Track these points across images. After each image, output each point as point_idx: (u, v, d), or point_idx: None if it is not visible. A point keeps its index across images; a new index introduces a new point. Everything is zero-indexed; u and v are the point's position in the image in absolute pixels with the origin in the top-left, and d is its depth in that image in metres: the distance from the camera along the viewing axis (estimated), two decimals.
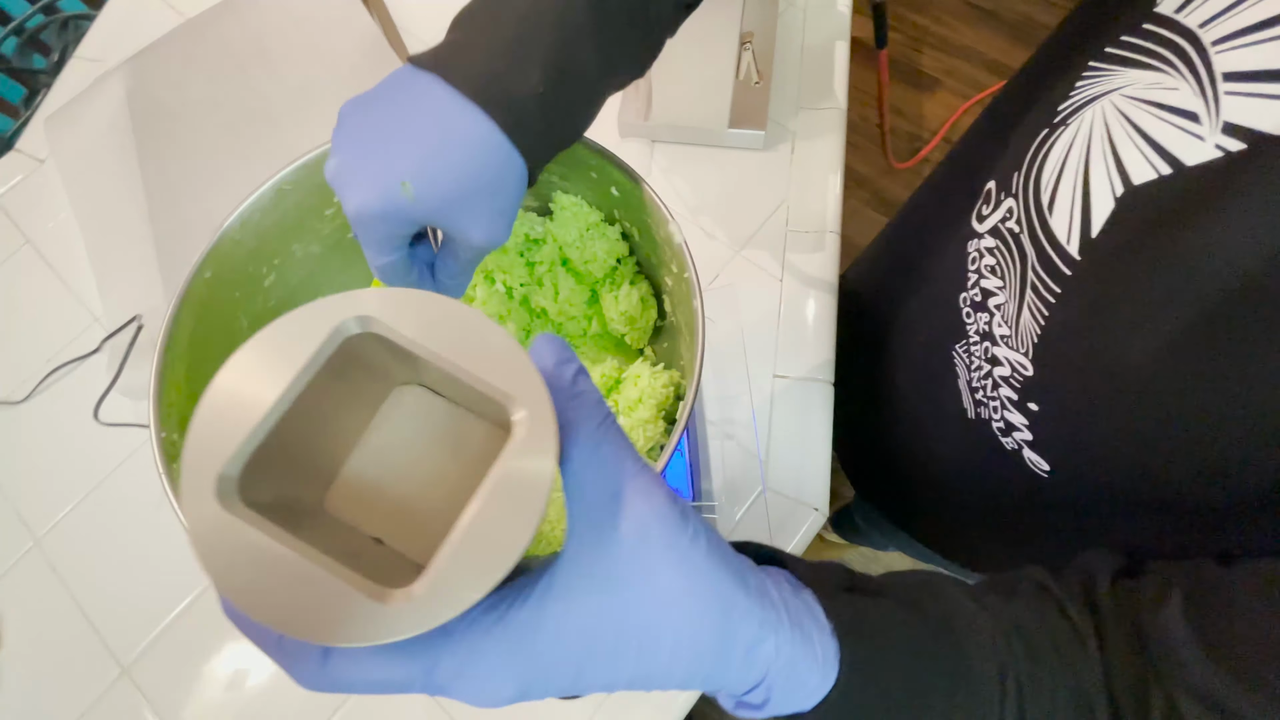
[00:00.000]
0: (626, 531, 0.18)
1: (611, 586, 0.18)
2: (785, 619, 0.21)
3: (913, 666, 0.23)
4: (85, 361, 0.58)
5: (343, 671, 0.16)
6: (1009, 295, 0.32)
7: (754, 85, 0.61)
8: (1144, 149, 0.24)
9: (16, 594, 0.51)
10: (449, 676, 0.17)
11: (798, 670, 0.21)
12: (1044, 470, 0.33)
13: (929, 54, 1.67)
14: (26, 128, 0.69)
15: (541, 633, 0.17)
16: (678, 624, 0.19)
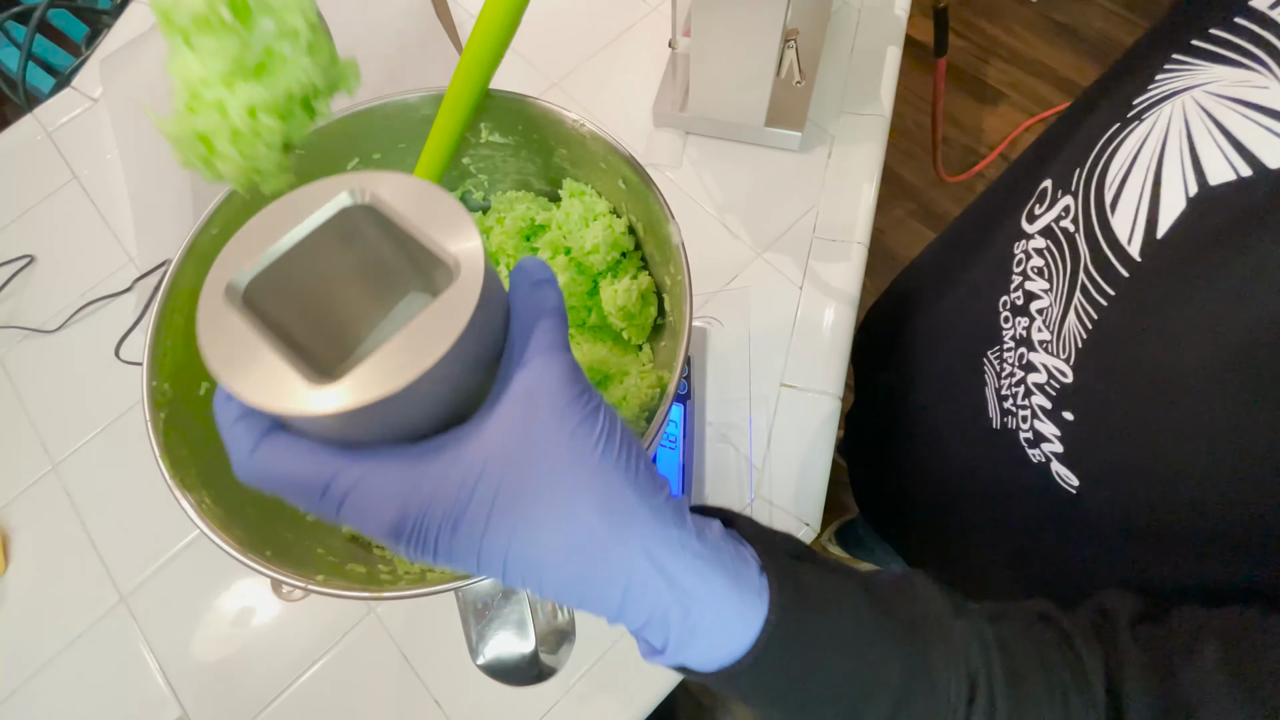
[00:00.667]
0: (516, 392, 0.19)
1: (495, 445, 0.19)
2: (697, 553, 0.20)
3: (857, 652, 0.22)
4: (116, 300, 0.60)
5: (267, 460, 0.19)
6: (1054, 298, 0.31)
7: (795, 84, 0.59)
8: (1225, 148, 0.23)
9: (29, 514, 0.53)
10: (347, 485, 0.18)
11: (707, 619, 0.20)
12: (1072, 485, 0.31)
13: (996, 65, 1.60)
14: (85, 66, 0.72)
15: (430, 467, 0.19)
16: (555, 506, 0.18)
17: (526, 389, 0.19)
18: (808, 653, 0.21)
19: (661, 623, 0.20)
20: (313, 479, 0.18)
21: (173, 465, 0.26)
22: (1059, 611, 0.25)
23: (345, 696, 0.47)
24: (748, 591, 0.20)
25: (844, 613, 0.22)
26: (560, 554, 0.19)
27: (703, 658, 0.21)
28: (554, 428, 0.19)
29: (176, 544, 0.52)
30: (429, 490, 0.18)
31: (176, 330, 0.30)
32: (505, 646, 0.30)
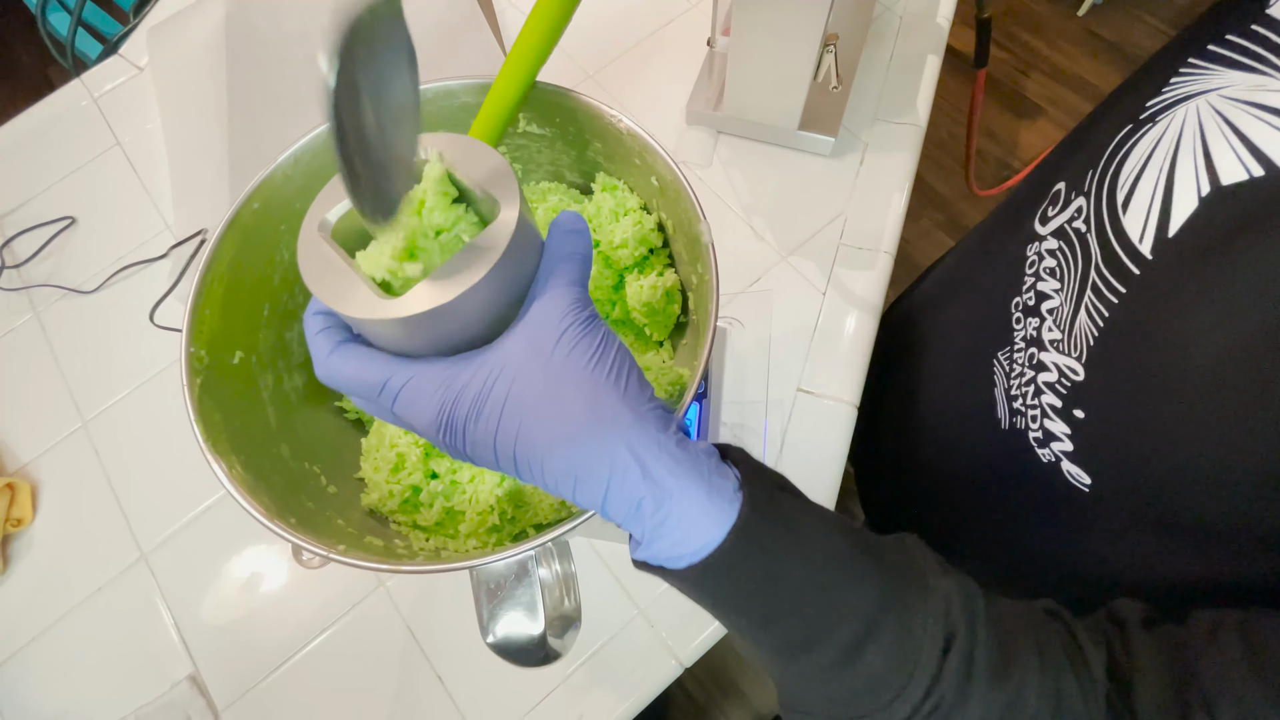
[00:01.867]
0: (533, 314, 0.23)
1: (511, 354, 0.23)
2: (675, 456, 0.22)
3: (825, 573, 0.23)
4: (151, 265, 0.62)
5: (340, 361, 0.24)
6: (1065, 298, 0.31)
7: (832, 89, 0.59)
8: (1238, 148, 0.23)
9: (58, 468, 0.55)
10: (399, 384, 0.23)
11: (676, 514, 0.22)
12: (1084, 484, 0.31)
13: (1036, 79, 1.58)
14: (132, 34, 0.73)
15: (462, 371, 0.23)
16: (555, 402, 0.22)
17: (541, 312, 0.23)
18: (774, 562, 0.23)
19: (638, 513, 0.22)
20: (374, 378, 0.23)
21: (206, 430, 0.27)
22: (1065, 610, 0.26)
23: (351, 666, 0.48)
24: (719, 496, 0.22)
25: (818, 536, 0.23)
26: (556, 444, 0.22)
27: (672, 552, 0.23)
28: (555, 341, 0.23)
29: (198, 506, 0.53)
30: (459, 387, 0.22)
31: (215, 300, 0.30)
32: (515, 627, 0.30)
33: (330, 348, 0.24)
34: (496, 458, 0.23)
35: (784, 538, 0.23)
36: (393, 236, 0.23)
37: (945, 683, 0.22)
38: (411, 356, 0.24)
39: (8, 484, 0.53)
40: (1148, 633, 0.25)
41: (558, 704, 0.46)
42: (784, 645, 0.24)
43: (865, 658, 0.23)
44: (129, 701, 0.48)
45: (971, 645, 0.23)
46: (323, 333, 0.24)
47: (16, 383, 0.58)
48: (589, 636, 0.48)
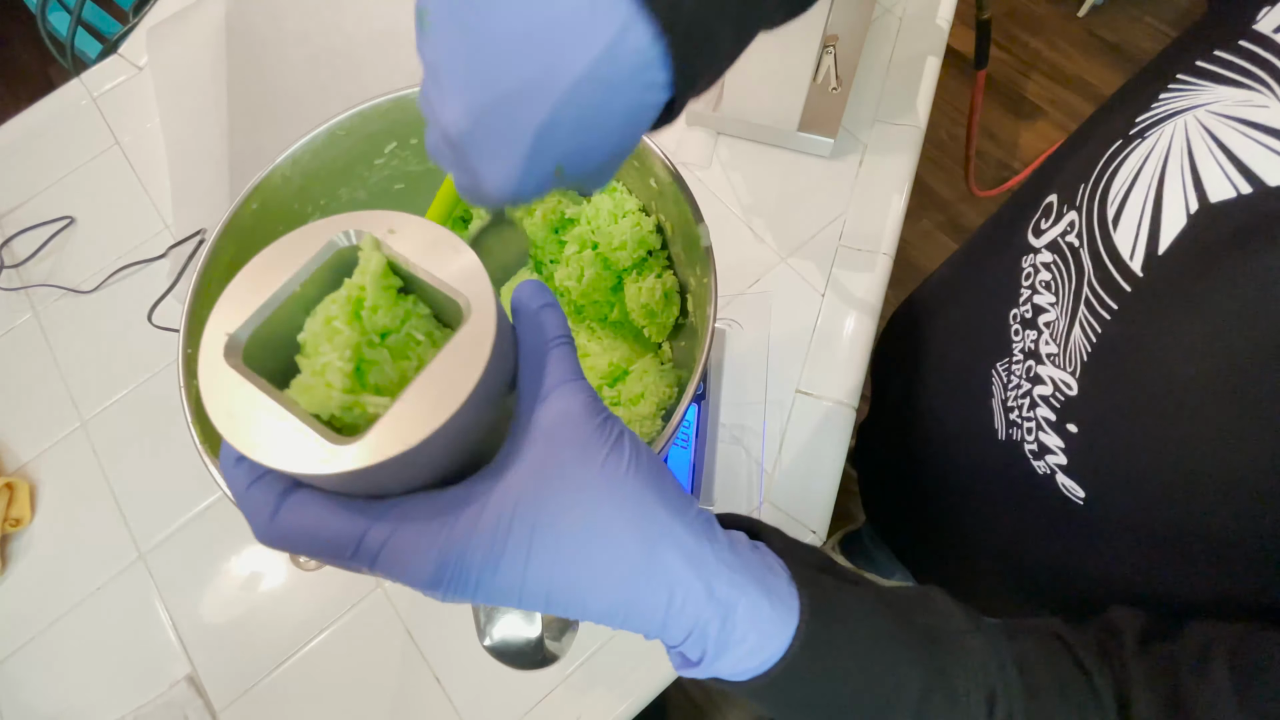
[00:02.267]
0: (538, 428, 0.19)
1: (528, 482, 0.19)
2: (731, 565, 0.20)
3: (881, 661, 0.22)
4: (150, 265, 0.62)
5: (292, 523, 0.18)
6: (1060, 312, 0.31)
7: (831, 90, 0.59)
8: (1225, 166, 0.23)
9: (57, 468, 0.55)
10: (379, 541, 0.18)
11: (742, 629, 0.20)
12: (1078, 497, 0.32)
13: (1036, 80, 1.58)
14: (132, 34, 0.73)
15: (463, 513, 0.18)
16: (592, 533, 0.19)
17: (550, 423, 0.19)
18: (834, 662, 0.21)
19: (701, 635, 0.20)
20: (342, 538, 0.18)
21: (203, 432, 0.27)
22: (1068, 630, 0.26)
23: (349, 667, 0.48)
24: (779, 603, 0.21)
25: (867, 624, 0.23)
26: (603, 579, 0.19)
27: (736, 667, 0.21)
28: (582, 459, 0.19)
29: (196, 507, 0.53)
30: (464, 535, 0.18)
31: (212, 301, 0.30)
32: (512, 630, 0.30)
33: (273, 505, 0.18)
34: (520, 602, 0.19)
35: (840, 636, 0.22)
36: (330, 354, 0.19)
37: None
38: (382, 497, 0.19)
39: (7, 483, 0.53)
40: (1142, 652, 0.25)
41: (556, 705, 0.46)
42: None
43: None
44: (127, 701, 0.48)
45: (1010, 704, 0.23)
46: (257, 485, 0.18)
47: (15, 382, 0.58)
48: (587, 638, 0.48)
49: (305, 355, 0.19)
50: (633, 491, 0.19)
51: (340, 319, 0.19)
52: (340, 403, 0.18)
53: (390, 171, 0.40)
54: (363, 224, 0.20)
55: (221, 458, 0.19)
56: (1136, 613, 0.26)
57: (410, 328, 0.20)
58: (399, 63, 0.67)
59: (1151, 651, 0.25)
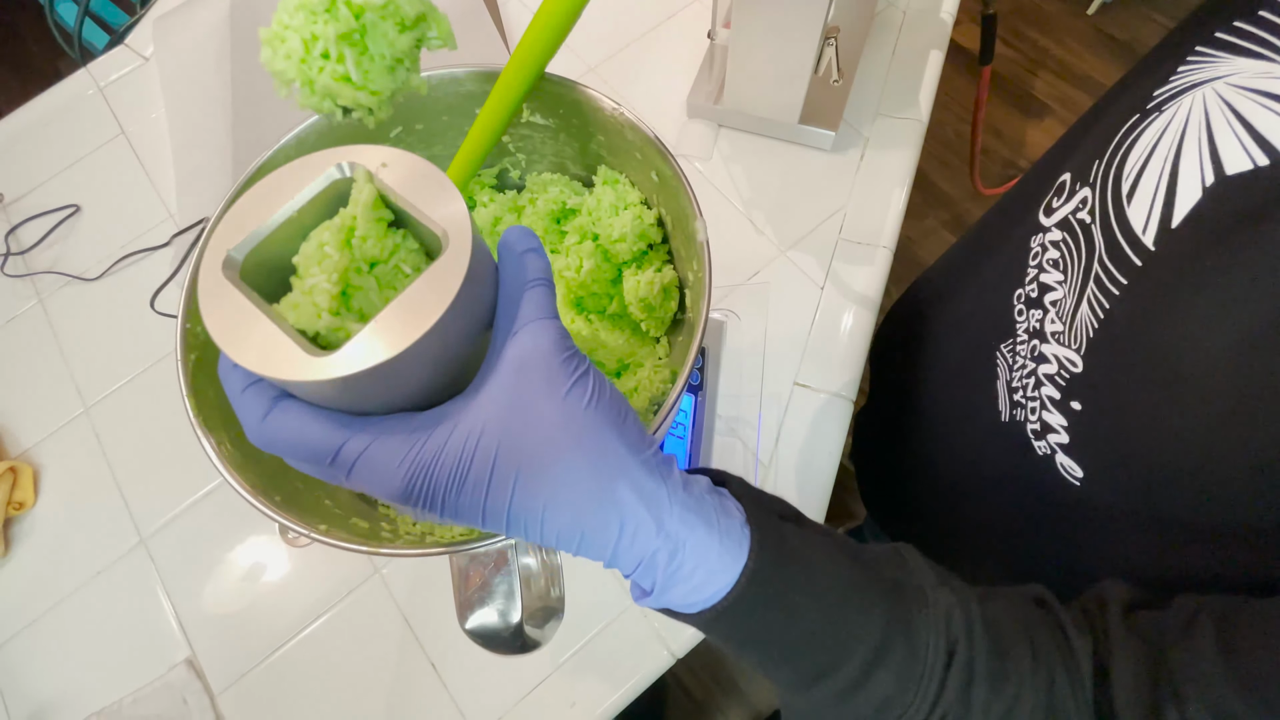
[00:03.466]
0: (508, 360, 0.20)
1: (494, 408, 0.20)
2: (684, 504, 0.21)
3: (839, 605, 0.23)
4: (154, 253, 0.62)
5: (279, 426, 0.20)
6: (1068, 290, 0.31)
7: (833, 83, 0.59)
8: (1243, 138, 0.23)
9: (60, 453, 0.56)
10: (355, 452, 0.20)
11: (690, 564, 0.21)
12: (1076, 477, 0.32)
13: (1044, 77, 1.57)
14: (138, 25, 0.74)
15: (434, 432, 0.20)
16: (551, 460, 0.20)
17: (519, 356, 0.20)
18: (785, 600, 0.22)
19: (650, 566, 0.21)
20: (322, 445, 0.19)
21: (198, 405, 0.27)
22: (1053, 598, 0.26)
23: (345, 652, 0.49)
24: (729, 540, 0.22)
25: (824, 567, 0.23)
26: (558, 505, 0.20)
27: (685, 600, 0.22)
28: (547, 391, 0.20)
29: (197, 492, 0.54)
30: (433, 454, 0.19)
31: None
32: (492, 615, 0.31)
33: (263, 409, 0.20)
34: (483, 521, 0.20)
35: (793, 575, 0.23)
36: (319, 277, 0.20)
37: (947, 697, 0.23)
38: (363, 415, 0.20)
39: (10, 468, 0.53)
40: (1127, 619, 0.25)
41: (550, 692, 0.47)
42: (797, 678, 0.24)
43: (874, 682, 0.23)
44: (126, 684, 0.49)
45: (971, 655, 0.23)
46: (250, 390, 0.20)
47: (20, 368, 0.59)
48: (582, 626, 0.48)
49: (297, 277, 0.20)
50: (591, 424, 0.20)
51: (331, 245, 0.20)
52: (326, 324, 0.19)
53: None
54: (359, 157, 0.21)
55: (220, 364, 0.21)
56: (1126, 585, 0.26)
57: (398, 260, 0.21)
58: None
59: (1137, 618, 0.25)
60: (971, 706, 0.23)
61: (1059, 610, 0.25)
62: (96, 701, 0.48)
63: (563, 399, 0.20)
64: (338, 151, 0.21)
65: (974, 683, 0.23)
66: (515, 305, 0.21)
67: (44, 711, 0.49)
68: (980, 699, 0.23)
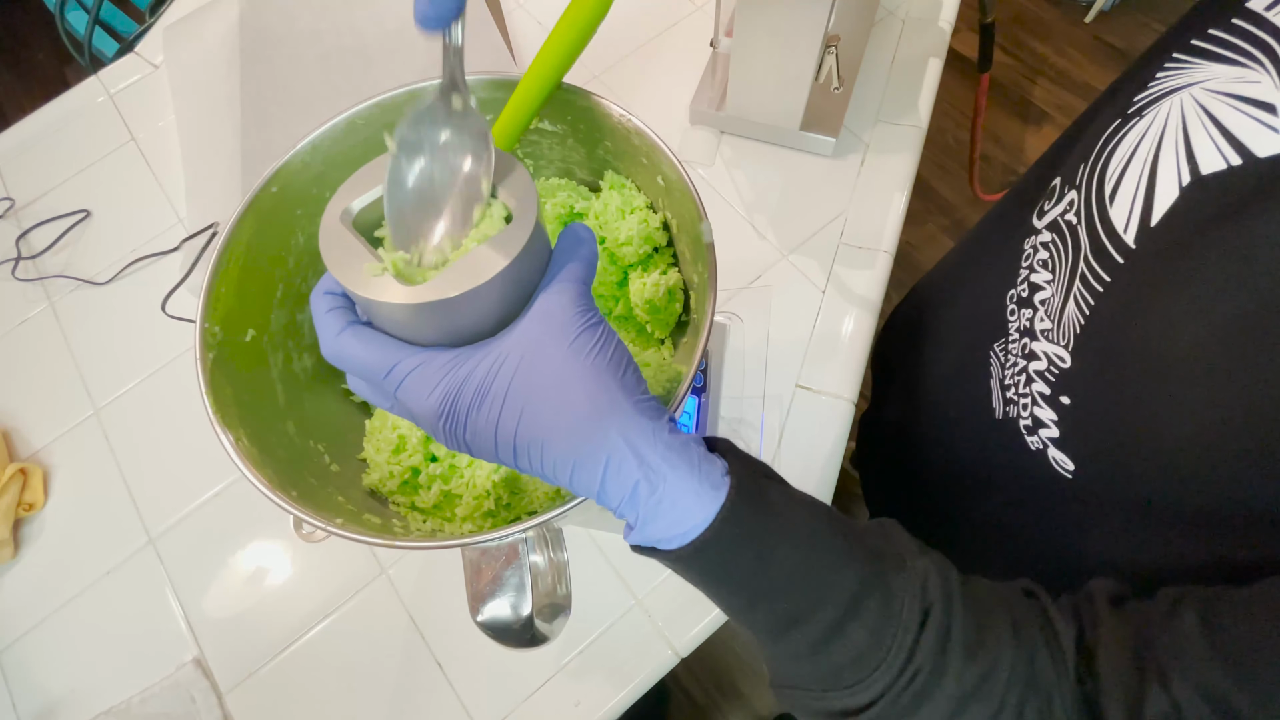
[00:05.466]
0: (535, 309, 0.24)
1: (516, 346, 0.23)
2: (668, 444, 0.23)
3: (816, 557, 0.24)
4: (164, 257, 0.63)
5: (349, 342, 0.24)
6: (1056, 288, 0.32)
7: (833, 90, 0.60)
8: (1217, 139, 0.24)
9: (70, 453, 0.56)
10: (406, 369, 0.23)
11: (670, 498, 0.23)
12: (1067, 470, 0.32)
13: (1043, 85, 1.58)
14: (148, 33, 0.75)
15: (467, 361, 0.23)
16: (555, 392, 0.23)
17: (545, 306, 0.24)
18: (761, 542, 0.24)
19: (633, 499, 0.23)
20: (382, 361, 0.23)
21: (216, 403, 0.28)
22: (1041, 589, 0.27)
23: (352, 652, 0.49)
24: (708, 482, 0.24)
25: (803, 519, 0.25)
26: (557, 432, 0.23)
27: (665, 534, 0.24)
28: (559, 334, 0.23)
29: (206, 493, 0.54)
30: (464, 375, 0.23)
31: (231, 278, 0.31)
32: (503, 608, 0.31)
33: (340, 326, 0.24)
34: (496, 446, 0.23)
35: (770, 520, 0.24)
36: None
37: (921, 654, 0.23)
38: (419, 344, 0.24)
39: (21, 469, 0.54)
40: (1114, 606, 0.25)
41: (555, 691, 0.47)
42: (771, 623, 0.25)
43: (848, 634, 0.24)
44: (135, 682, 0.49)
45: (948, 620, 0.24)
46: (332, 312, 0.25)
47: (30, 370, 0.60)
48: (586, 625, 0.48)
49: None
50: (592, 366, 0.23)
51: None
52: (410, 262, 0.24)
53: None
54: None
55: (315, 290, 0.26)
56: (1115, 581, 0.27)
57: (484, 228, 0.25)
58: (410, 61, 0.68)
59: (1123, 606, 0.25)
60: (946, 669, 0.23)
61: (1045, 600, 0.26)
62: (105, 700, 0.49)
63: (570, 342, 0.23)
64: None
65: (949, 646, 0.24)
66: (556, 271, 0.25)
67: (53, 709, 0.49)
68: (955, 663, 0.23)
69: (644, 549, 0.25)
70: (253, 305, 0.33)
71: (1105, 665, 0.23)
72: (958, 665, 0.23)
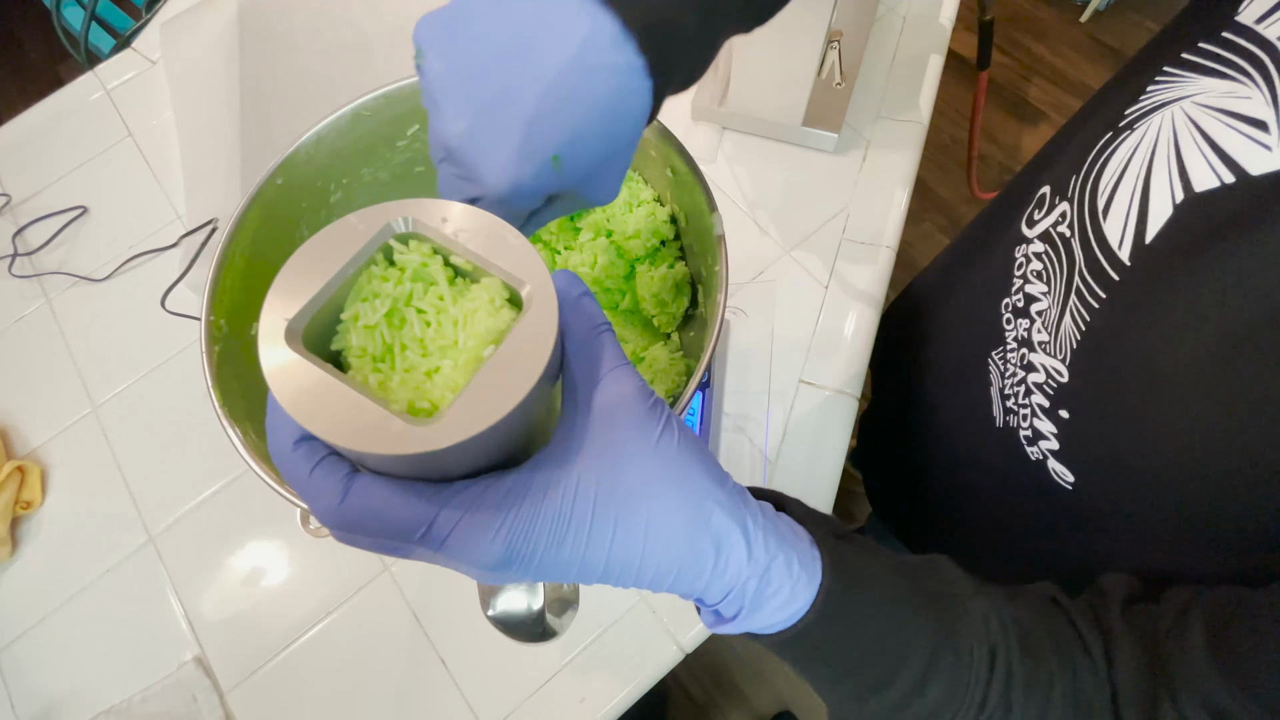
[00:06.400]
0: (596, 411, 0.20)
1: (591, 463, 0.20)
2: (765, 528, 0.22)
3: (895, 619, 0.24)
4: (162, 253, 0.62)
5: (362, 505, 0.18)
6: (1052, 301, 0.32)
7: (835, 86, 0.60)
8: (1209, 156, 0.24)
9: (68, 451, 0.56)
10: (448, 527, 0.18)
11: (774, 585, 0.22)
12: (1067, 482, 0.32)
13: (1038, 84, 1.59)
14: (145, 29, 0.74)
15: (529, 495, 0.19)
16: (648, 502, 0.20)
17: (607, 407, 0.20)
18: (853, 618, 0.23)
19: (740, 593, 0.22)
20: (412, 521, 0.18)
21: (223, 397, 0.28)
22: (1063, 594, 0.27)
23: (355, 649, 0.49)
24: (805, 562, 0.23)
25: (882, 584, 0.24)
26: (657, 545, 0.20)
27: (766, 621, 0.23)
28: (639, 439, 0.20)
29: (206, 490, 0.54)
30: (530, 515, 0.19)
31: (236, 271, 0.31)
32: (515, 602, 0.31)
33: (341, 488, 0.18)
34: (578, 574, 0.20)
35: (858, 595, 0.24)
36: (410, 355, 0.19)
37: (992, 701, 0.24)
38: (444, 481, 0.19)
39: (18, 467, 0.54)
40: (1126, 614, 0.26)
41: (560, 687, 0.47)
42: (857, 691, 0.25)
43: (928, 692, 0.24)
44: (136, 682, 0.49)
45: (1009, 660, 0.24)
46: (320, 469, 0.19)
47: (28, 368, 0.59)
48: (592, 621, 0.48)
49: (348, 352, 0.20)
50: (682, 466, 0.21)
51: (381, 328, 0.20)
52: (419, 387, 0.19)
53: (412, 154, 0.40)
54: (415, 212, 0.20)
55: (273, 443, 0.19)
56: (1124, 578, 0.27)
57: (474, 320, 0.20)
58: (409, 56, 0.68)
59: (1135, 613, 0.26)
60: (1011, 708, 0.24)
61: (1069, 607, 0.27)
62: (106, 700, 0.48)
63: (655, 444, 0.20)
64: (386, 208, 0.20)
65: (1013, 685, 0.24)
66: (589, 354, 0.21)
67: (53, 710, 0.49)
68: (1019, 700, 0.24)
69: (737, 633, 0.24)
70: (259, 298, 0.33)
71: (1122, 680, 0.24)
72: (1021, 703, 0.24)
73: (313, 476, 0.19)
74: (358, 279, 0.20)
